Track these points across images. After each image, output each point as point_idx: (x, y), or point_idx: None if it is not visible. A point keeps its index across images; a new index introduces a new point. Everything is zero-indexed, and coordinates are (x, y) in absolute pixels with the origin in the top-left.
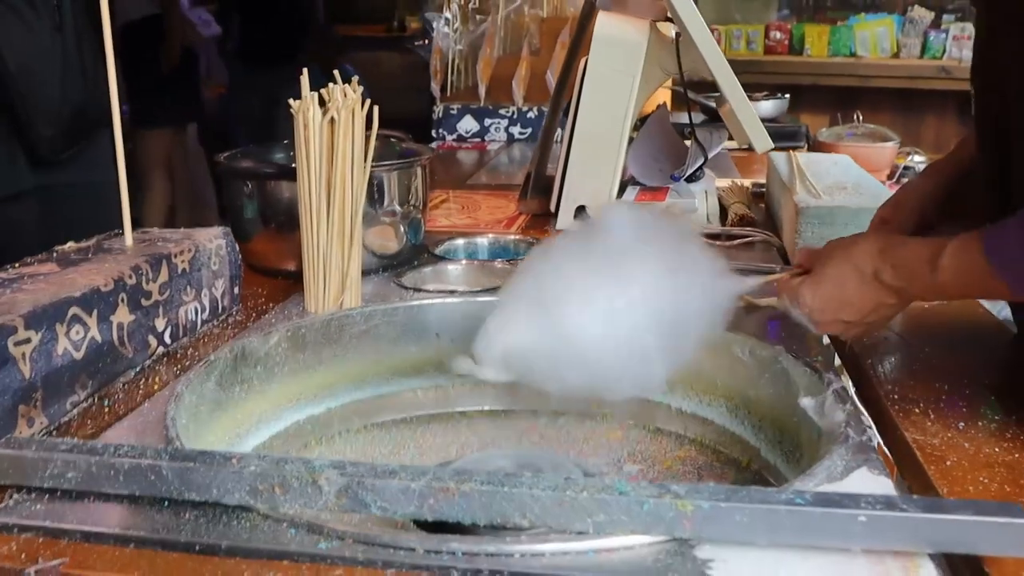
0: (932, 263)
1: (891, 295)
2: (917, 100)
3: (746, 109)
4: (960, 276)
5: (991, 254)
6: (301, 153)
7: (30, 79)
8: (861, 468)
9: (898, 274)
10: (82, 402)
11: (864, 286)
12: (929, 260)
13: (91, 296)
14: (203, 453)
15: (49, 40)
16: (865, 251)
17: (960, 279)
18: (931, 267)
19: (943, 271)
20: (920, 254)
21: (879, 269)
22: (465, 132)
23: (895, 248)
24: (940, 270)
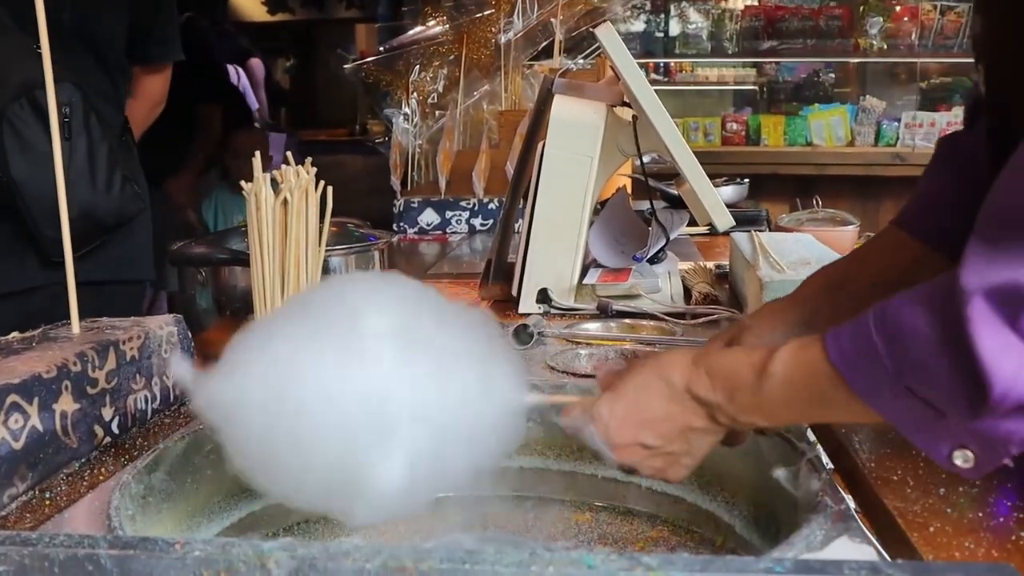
0: (759, 370)
1: (702, 415)
2: (874, 186)
3: (706, 187)
4: (796, 385)
5: (835, 354)
6: (254, 236)
7: (35, 186)
8: (841, 537)
9: (715, 385)
10: (21, 495)
11: (671, 403)
12: (755, 367)
13: (31, 383)
14: (144, 540)
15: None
16: (676, 361)
17: (796, 389)
18: (758, 374)
19: (774, 380)
20: (744, 361)
21: (692, 380)
22: (426, 225)
23: (712, 356)
24: (770, 378)
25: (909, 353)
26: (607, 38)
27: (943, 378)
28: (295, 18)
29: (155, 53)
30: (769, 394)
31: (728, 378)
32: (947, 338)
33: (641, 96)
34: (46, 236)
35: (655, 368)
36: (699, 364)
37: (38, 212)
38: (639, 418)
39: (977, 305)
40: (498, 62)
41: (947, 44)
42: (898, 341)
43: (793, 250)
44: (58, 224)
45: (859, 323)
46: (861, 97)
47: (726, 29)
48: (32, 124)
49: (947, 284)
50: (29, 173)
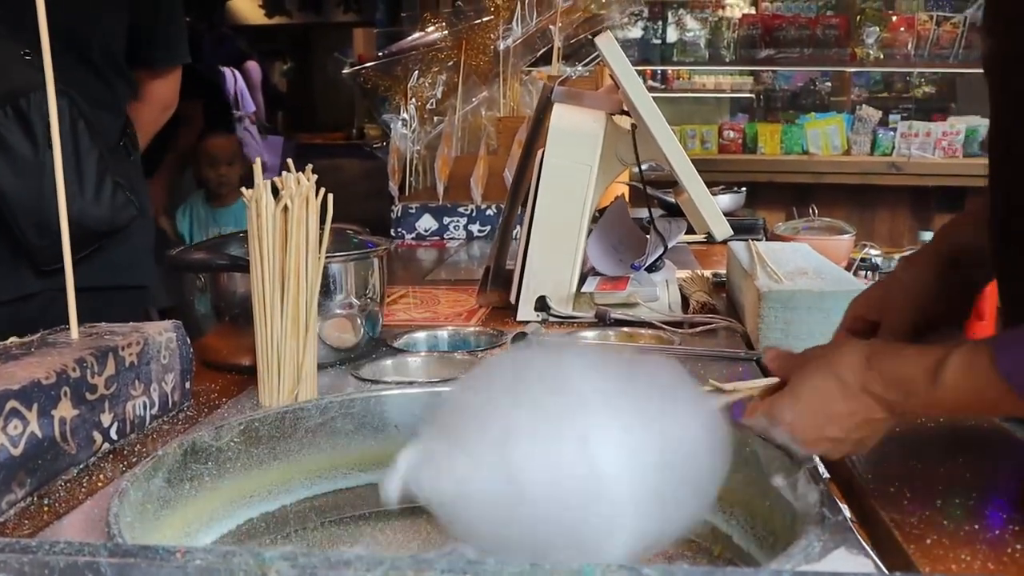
0: (931, 377)
1: (881, 409)
2: (869, 195)
3: (704, 197)
4: (966, 392)
5: (1005, 367)
6: (254, 243)
7: (19, 194)
8: (839, 548)
9: (889, 387)
10: (19, 501)
11: (850, 400)
12: (927, 373)
13: (31, 389)
14: (145, 548)
15: (40, 157)
16: (850, 362)
17: (966, 395)
18: (930, 381)
19: (945, 387)
20: (916, 366)
21: (867, 381)
22: (424, 230)
23: (885, 358)
24: (941, 386)
25: None
26: (607, 47)
27: None
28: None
29: (159, 57)
30: (941, 398)
31: (902, 382)
32: None
33: (641, 106)
34: (34, 245)
35: (828, 367)
36: (872, 365)
37: (24, 220)
38: (822, 417)
39: None
40: (497, 68)
41: (943, 54)
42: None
43: (790, 260)
44: (44, 232)
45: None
46: (857, 106)
47: (723, 37)
48: (16, 131)
49: None
50: (13, 181)
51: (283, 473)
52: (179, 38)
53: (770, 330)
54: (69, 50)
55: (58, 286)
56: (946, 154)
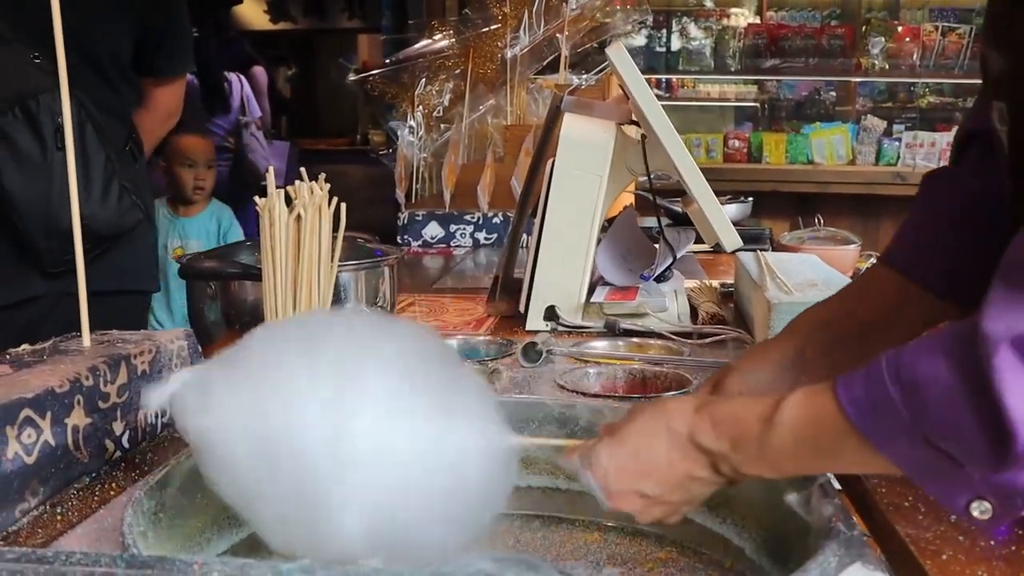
0: (766, 419)
1: (705, 465)
2: (874, 205)
3: (714, 208)
4: (804, 434)
5: (848, 397)
6: (267, 251)
7: (27, 197)
8: (855, 563)
9: (719, 433)
10: (32, 510)
11: (673, 451)
12: (762, 416)
13: (45, 397)
14: (161, 559)
15: (48, 159)
16: (679, 408)
17: (801, 436)
18: (764, 423)
19: (781, 427)
20: (750, 410)
21: (695, 428)
22: (431, 238)
23: (717, 404)
24: (777, 426)
25: (928, 403)
26: (618, 57)
27: (964, 429)
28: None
29: (165, 66)
30: (776, 444)
31: (733, 427)
32: (970, 388)
33: (651, 116)
34: (41, 247)
35: (657, 415)
36: (703, 412)
37: (31, 223)
38: (639, 466)
39: (1004, 354)
40: (504, 76)
41: (948, 65)
42: (915, 391)
43: (799, 271)
44: (51, 235)
45: (871, 371)
46: (862, 116)
47: (729, 46)
48: (25, 133)
49: (966, 332)
50: (21, 184)
51: None
52: (185, 47)
53: None
54: (78, 55)
55: (63, 289)
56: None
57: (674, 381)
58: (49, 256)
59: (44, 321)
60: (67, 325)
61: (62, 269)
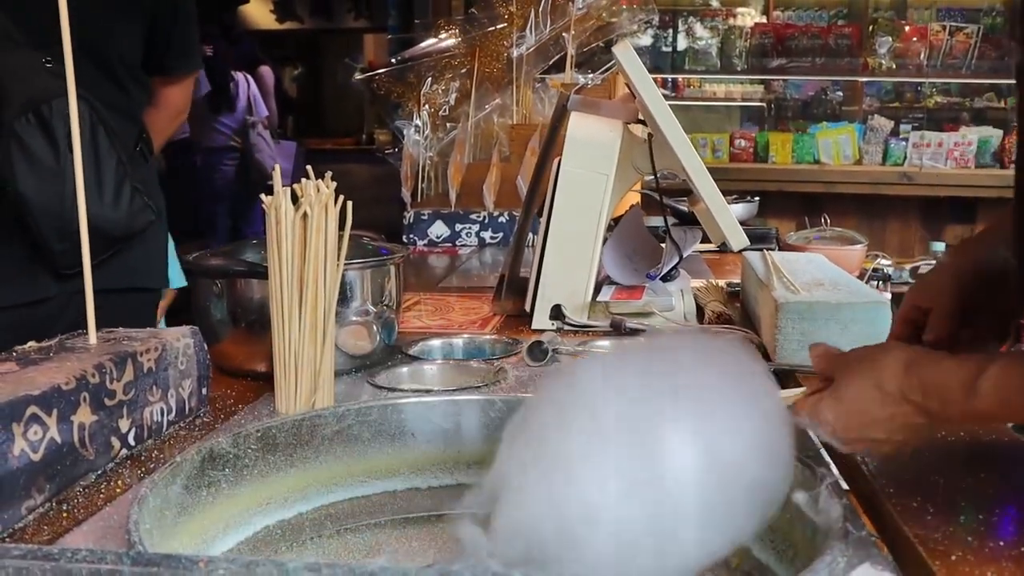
0: (969, 388)
1: (920, 415)
2: (880, 205)
3: (721, 207)
4: (1003, 403)
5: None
6: (273, 250)
7: (41, 199)
8: (864, 564)
9: (928, 395)
10: (38, 507)
11: (889, 406)
12: (965, 385)
13: (51, 395)
14: (168, 557)
15: (61, 163)
16: (891, 368)
17: (1003, 406)
18: (968, 392)
19: (982, 397)
20: (954, 377)
21: (906, 388)
22: (436, 237)
23: (925, 367)
24: (979, 396)
25: None
26: (624, 56)
27: None
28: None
29: (173, 65)
30: (979, 411)
31: (940, 391)
32: None
33: (658, 115)
34: (54, 249)
35: (870, 373)
36: (911, 373)
37: (45, 225)
38: (862, 421)
39: None
40: (510, 76)
41: (955, 65)
42: None
43: (806, 270)
44: (65, 237)
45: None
46: (869, 116)
47: (735, 46)
48: (38, 137)
49: None
50: (35, 187)
51: (300, 480)
52: (193, 46)
53: (787, 341)
54: (89, 58)
55: (75, 289)
56: (958, 164)
57: None
58: (63, 258)
59: (56, 320)
60: (79, 323)
61: (75, 271)
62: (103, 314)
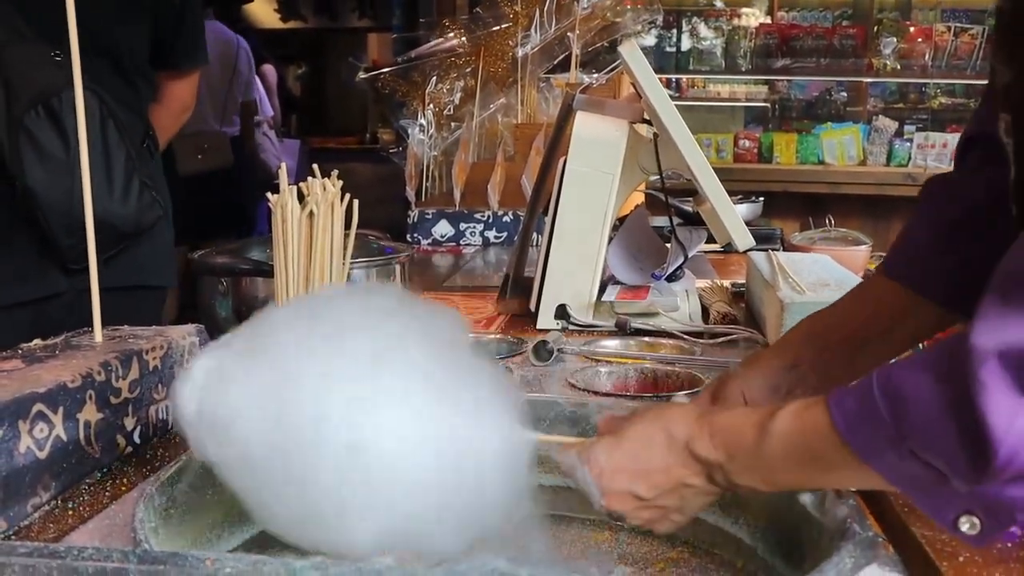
0: (760, 428)
1: (699, 473)
2: (884, 206)
3: (726, 207)
4: (795, 444)
5: (839, 410)
6: (279, 248)
7: (50, 194)
8: (871, 565)
9: (716, 443)
10: (44, 504)
11: (669, 456)
12: (757, 424)
13: (57, 392)
14: (174, 555)
15: (70, 157)
16: (681, 415)
17: (793, 447)
18: (759, 432)
19: (774, 437)
20: (746, 419)
21: (693, 435)
22: (440, 236)
23: (717, 414)
24: (770, 436)
25: (912, 416)
26: (630, 55)
27: (946, 441)
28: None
29: (179, 60)
30: (769, 454)
31: (729, 436)
32: (952, 400)
33: (664, 115)
34: (63, 244)
35: (658, 419)
36: (703, 421)
37: (54, 220)
38: (635, 467)
39: (990, 366)
40: (514, 75)
41: (960, 65)
42: (901, 403)
43: (811, 271)
44: (74, 232)
45: (862, 385)
46: (874, 117)
47: (740, 46)
48: (47, 131)
49: (955, 345)
50: (45, 181)
51: None
52: (200, 41)
53: None
54: (96, 51)
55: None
56: None
57: (686, 380)
58: (71, 253)
59: (66, 317)
60: (89, 320)
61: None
62: (111, 312)
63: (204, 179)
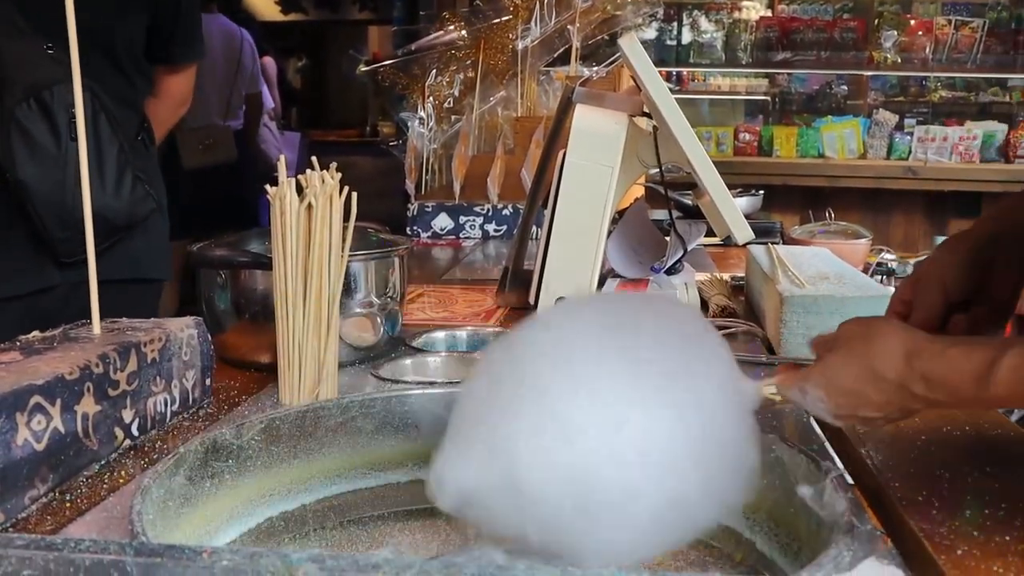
0: (981, 378)
1: (919, 402)
2: (885, 199)
3: (726, 200)
4: (1018, 390)
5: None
6: (277, 240)
7: (42, 187)
8: (869, 558)
9: (933, 388)
10: (42, 497)
11: (886, 393)
12: (977, 376)
13: (55, 384)
14: (171, 547)
15: (62, 150)
16: (888, 355)
17: (1017, 394)
18: (980, 383)
19: (998, 385)
20: (963, 368)
21: (906, 379)
22: (440, 229)
23: (927, 358)
24: (995, 384)
25: None
26: (630, 48)
27: None
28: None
29: (177, 54)
30: (992, 399)
31: (948, 386)
32: None
33: (664, 108)
34: (56, 237)
35: (864, 355)
36: (914, 364)
37: (46, 213)
38: (854, 402)
39: None
40: (514, 68)
41: (960, 59)
42: None
43: (811, 264)
44: (66, 225)
45: None
46: (874, 110)
47: (740, 39)
48: (39, 124)
49: None
50: (36, 174)
51: (303, 472)
52: (197, 34)
53: (792, 335)
54: (91, 45)
55: (78, 279)
56: (963, 159)
57: None
58: (64, 246)
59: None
60: (82, 313)
61: (77, 259)
62: (106, 305)
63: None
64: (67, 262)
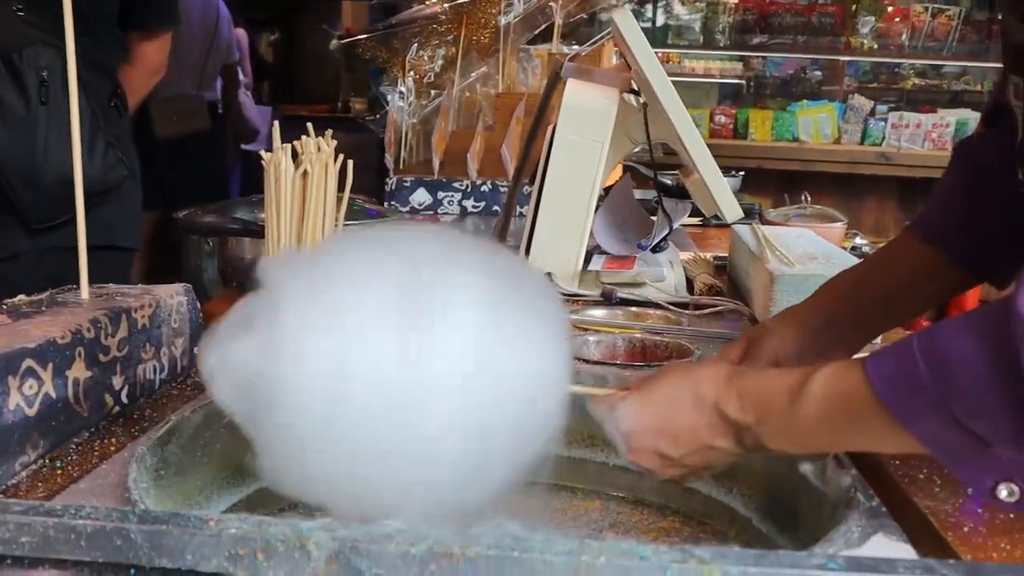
0: (794, 392)
1: (728, 435)
2: (858, 184)
3: (716, 178)
4: (831, 408)
5: (876, 374)
6: (271, 207)
7: (10, 151)
8: (877, 534)
9: (745, 405)
10: (32, 463)
11: (697, 415)
12: (790, 389)
13: (47, 348)
14: (176, 515)
15: (31, 113)
16: (710, 376)
17: (829, 410)
18: (792, 396)
19: (809, 401)
20: (779, 382)
21: (722, 397)
22: (418, 204)
23: (747, 376)
24: (805, 400)
25: (957, 382)
26: (624, 23)
27: (993, 409)
28: None
29: (152, 20)
30: (802, 418)
31: (760, 400)
32: (1000, 367)
33: (656, 84)
34: (24, 202)
35: (687, 379)
36: (732, 382)
37: (14, 177)
38: (662, 427)
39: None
40: (496, 44)
41: (936, 47)
42: (946, 368)
43: (797, 244)
44: (35, 189)
45: (903, 348)
46: (849, 95)
47: (718, 22)
48: (8, 87)
49: (1000, 311)
50: (4, 138)
51: None
52: (171, 2)
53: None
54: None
55: (47, 245)
56: (935, 146)
57: (675, 350)
58: (33, 211)
59: (28, 277)
60: (52, 280)
61: (47, 225)
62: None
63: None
64: (37, 228)
